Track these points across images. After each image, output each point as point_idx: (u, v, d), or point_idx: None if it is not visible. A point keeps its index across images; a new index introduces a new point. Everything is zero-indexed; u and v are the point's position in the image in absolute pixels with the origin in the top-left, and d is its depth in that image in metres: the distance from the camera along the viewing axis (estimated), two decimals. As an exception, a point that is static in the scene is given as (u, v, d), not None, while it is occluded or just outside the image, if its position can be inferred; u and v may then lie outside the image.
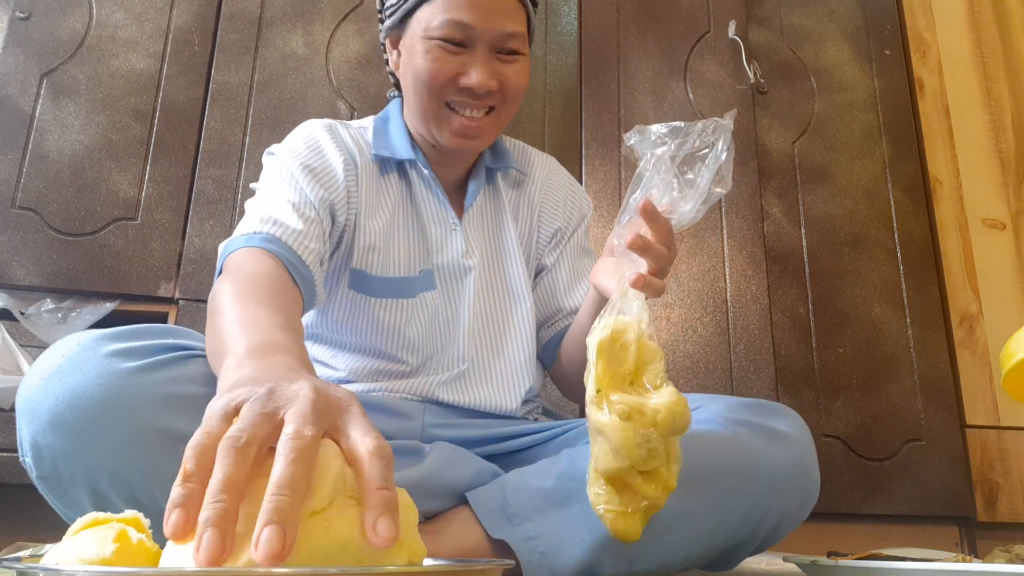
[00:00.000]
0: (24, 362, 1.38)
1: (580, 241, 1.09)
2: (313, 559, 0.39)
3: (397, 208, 0.98)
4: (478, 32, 0.89)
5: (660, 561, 0.78)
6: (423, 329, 0.95)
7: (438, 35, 0.89)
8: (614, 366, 0.65)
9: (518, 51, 0.92)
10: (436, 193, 0.99)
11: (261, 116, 1.65)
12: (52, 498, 0.70)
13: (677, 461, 0.66)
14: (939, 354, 1.75)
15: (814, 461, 0.84)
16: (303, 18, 1.74)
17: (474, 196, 1.01)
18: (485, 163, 1.03)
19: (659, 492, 0.65)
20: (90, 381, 0.66)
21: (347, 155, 0.96)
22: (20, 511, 1.33)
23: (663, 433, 0.62)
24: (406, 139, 0.99)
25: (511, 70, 0.92)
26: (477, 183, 1.01)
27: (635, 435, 0.62)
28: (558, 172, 1.12)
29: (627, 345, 0.66)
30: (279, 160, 0.93)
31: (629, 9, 1.88)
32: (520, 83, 0.93)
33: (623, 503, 0.65)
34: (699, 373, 1.63)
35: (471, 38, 0.89)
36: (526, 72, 0.94)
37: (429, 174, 0.98)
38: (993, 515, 1.66)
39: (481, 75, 0.89)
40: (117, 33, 1.65)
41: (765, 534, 0.81)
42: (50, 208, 1.51)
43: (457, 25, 0.88)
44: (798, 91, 1.92)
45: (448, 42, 0.89)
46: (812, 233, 1.81)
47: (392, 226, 0.97)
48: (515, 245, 1.02)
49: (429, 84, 0.90)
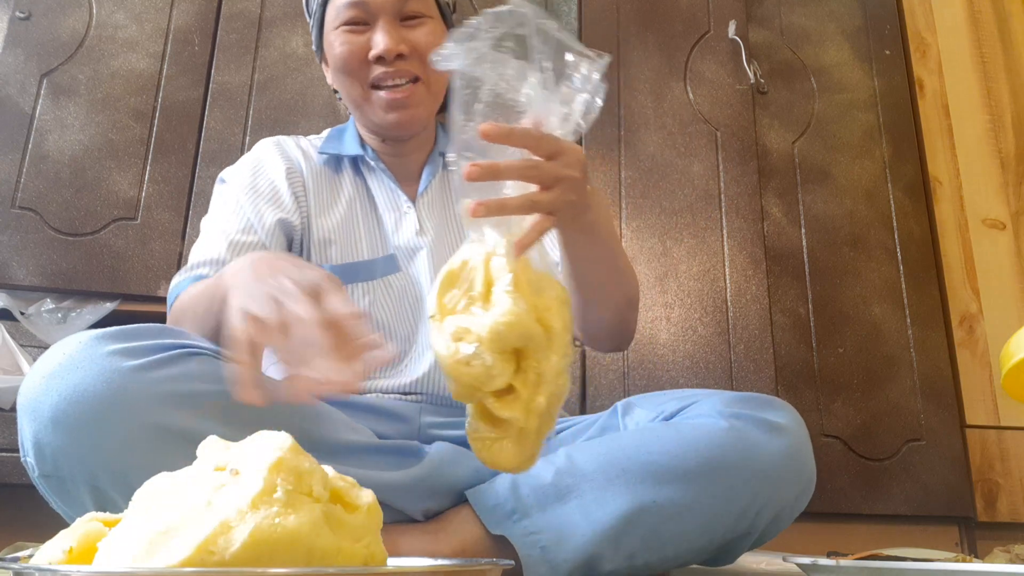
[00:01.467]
0: (24, 362, 1.38)
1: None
2: (259, 556, 0.38)
3: (353, 202, 1.02)
4: (373, 6, 0.94)
5: (660, 555, 0.78)
6: (391, 312, 0.97)
7: (340, 21, 0.95)
8: (460, 293, 0.61)
9: (422, 13, 0.96)
10: (386, 182, 1.03)
11: (261, 116, 1.65)
12: (53, 497, 0.70)
13: (548, 381, 0.60)
14: (939, 354, 1.75)
15: (810, 452, 0.84)
16: (303, 18, 1.74)
17: (428, 180, 1.04)
18: (439, 149, 1.06)
19: (521, 413, 0.60)
20: (92, 379, 0.66)
21: (290, 163, 1.02)
22: (20, 511, 1.33)
23: (492, 348, 0.58)
24: (356, 138, 1.05)
25: (419, 33, 0.96)
26: (432, 168, 1.05)
27: (459, 355, 0.58)
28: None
29: (474, 270, 0.62)
30: (227, 188, 1.00)
31: (629, 9, 1.88)
32: (432, 43, 0.94)
33: (494, 432, 0.61)
34: (699, 373, 1.63)
35: (370, 12, 0.94)
36: (438, 33, 0.97)
37: (376, 166, 1.03)
38: (993, 515, 1.66)
39: (386, 41, 0.93)
40: (117, 33, 1.65)
41: (764, 527, 0.82)
42: (50, 208, 1.51)
43: (352, 5, 0.94)
44: (798, 91, 1.92)
45: (350, 24, 0.95)
46: (812, 233, 1.81)
47: (349, 219, 1.01)
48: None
49: (344, 68, 0.96)
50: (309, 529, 0.40)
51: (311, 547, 0.40)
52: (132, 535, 0.40)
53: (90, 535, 0.44)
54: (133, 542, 0.39)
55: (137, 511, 0.43)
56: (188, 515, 0.40)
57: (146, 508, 0.43)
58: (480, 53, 0.61)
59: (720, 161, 1.79)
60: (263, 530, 0.39)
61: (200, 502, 0.40)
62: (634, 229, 1.72)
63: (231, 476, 0.42)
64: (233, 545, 0.38)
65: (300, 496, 0.41)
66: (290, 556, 0.39)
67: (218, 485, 0.42)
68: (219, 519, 0.39)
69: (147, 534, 0.40)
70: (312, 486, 0.42)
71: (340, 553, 0.41)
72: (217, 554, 0.38)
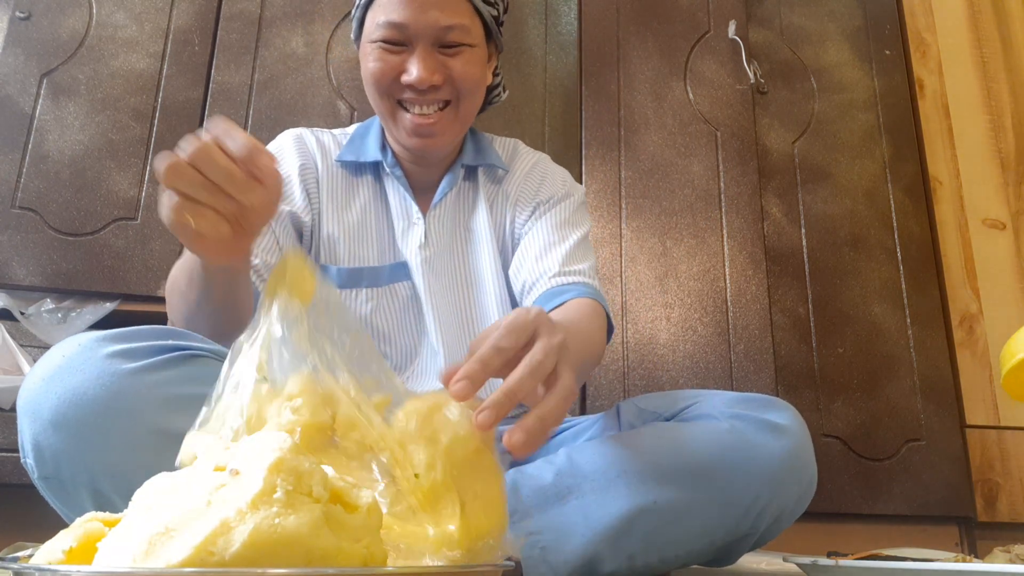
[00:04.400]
0: (24, 362, 1.38)
1: (564, 215, 1.05)
2: (258, 556, 0.38)
3: (368, 207, 1.01)
4: (412, 29, 0.91)
5: (660, 555, 0.78)
6: (394, 321, 0.97)
7: (377, 37, 0.93)
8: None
9: (461, 43, 0.93)
10: (400, 191, 1.02)
11: (261, 116, 1.65)
12: (53, 499, 0.70)
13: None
14: (939, 354, 1.75)
15: (811, 454, 0.84)
16: (303, 18, 1.74)
17: (444, 193, 1.02)
18: (463, 161, 1.04)
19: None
20: (91, 382, 0.66)
21: (305, 160, 1.01)
22: (20, 511, 1.33)
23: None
24: (378, 142, 1.03)
25: (457, 63, 0.93)
26: (450, 181, 1.03)
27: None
28: (544, 162, 1.11)
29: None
30: None
31: (629, 9, 1.88)
32: (469, 74, 0.94)
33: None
34: (699, 373, 1.63)
35: (408, 36, 0.92)
36: (476, 62, 0.95)
37: (394, 173, 1.01)
38: (993, 515, 1.66)
39: (420, 70, 0.91)
40: (117, 33, 1.65)
41: (764, 528, 0.82)
42: (50, 208, 1.52)
43: (392, 25, 0.91)
44: (798, 91, 1.92)
45: (387, 43, 0.93)
46: (812, 233, 1.81)
47: (362, 223, 1.00)
48: (488, 235, 1.02)
49: (375, 85, 0.94)
50: (309, 530, 0.40)
51: (310, 547, 0.40)
52: (132, 535, 0.40)
53: (90, 535, 0.44)
54: (133, 542, 0.39)
55: (137, 511, 0.43)
56: (188, 515, 0.40)
57: (146, 508, 0.43)
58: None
59: (720, 161, 1.79)
60: (263, 530, 0.38)
61: (200, 502, 0.40)
62: (634, 229, 1.72)
63: (231, 476, 0.42)
64: (233, 545, 0.38)
65: (300, 496, 0.41)
66: (289, 556, 0.39)
67: (218, 485, 0.41)
68: (219, 519, 0.39)
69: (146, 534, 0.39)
70: (312, 486, 0.42)
71: (340, 553, 0.41)
72: (217, 554, 0.38)
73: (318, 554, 0.40)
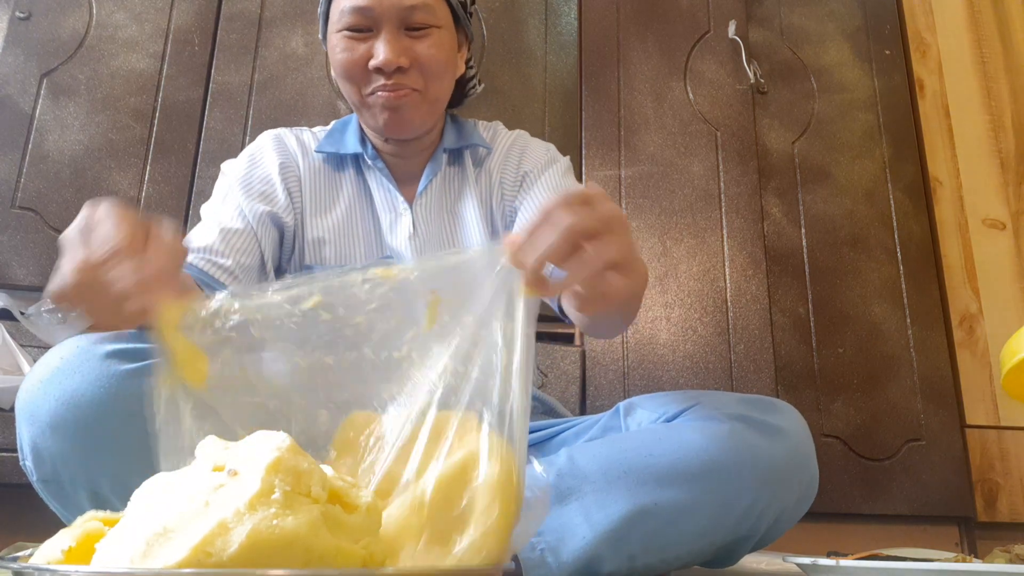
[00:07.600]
0: (24, 362, 1.38)
1: (555, 179, 1.04)
2: (257, 557, 0.38)
3: (352, 202, 1.01)
4: (377, 13, 0.91)
5: (661, 556, 0.78)
6: None
7: (343, 25, 0.93)
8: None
9: (427, 24, 0.93)
10: (383, 183, 1.02)
11: (261, 116, 1.65)
12: (53, 501, 0.70)
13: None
14: (939, 354, 1.75)
15: (812, 455, 0.84)
16: (303, 18, 1.74)
17: (428, 180, 1.02)
18: (444, 146, 1.04)
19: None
20: (89, 383, 0.66)
21: (285, 159, 1.01)
22: (20, 511, 1.33)
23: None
24: (357, 135, 1.03)
25: (422, 45, 0.93)
26: (433, 167, 1.03)
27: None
28: (523, 137, 1.10)
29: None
30: (224, 178, 1.00)
31: (629, 9, 1.88)
32: (435, 55, 0.93)
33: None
34: (699, 373, 1.63)
35: (373, 19, 0.91)
36: (442, 44, 0.95)
37: (376, 166, 1.01)
38: (993, 515, 1.66)
39: (386, 52, 0.90)
40: (117, 33, 1.65)
41: (765, 529, 0.81)
42: (50, 208, 1.51)
43: (356, 11, 0.91)
44: (798, 91, 1.92)
45: (352, 30, 0.92)
46: (812, 233, 1.81)
47: (348, 219, 1.00)
48: (476, 217, 1.02)
49: (344, 75, 0.94)
50: (307, 530, 0.39)
51: (309, 548, 0.39)
52: (130, 535, 0.40)
53: (89, 535, 0.44)
54: (131, 542, 0.39)
55: (135, 511, 0.43)
56: (186, 516, 0.40)
57: (144, 508, 0.43)
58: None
59: (720, 161, 1.79)
60: (261, 531, 0.38)
61: (198, 503, 0.40)
62: (634, 229, 1.72)
63: (229, 476, 0.42)
64: (231, 546, 0.38)
65: (298, 497, 0.41)
66: (288, 557, 0.39)
67: (216, 485, 0.41)
68: (217, 520, 0.39)
69: (145, 534, 0.39)
70: (311, 486, 0.42)
71: (339, 554, 0.40)
72: (215, 555, 0.38)
73: (317, 555, 0.40)
